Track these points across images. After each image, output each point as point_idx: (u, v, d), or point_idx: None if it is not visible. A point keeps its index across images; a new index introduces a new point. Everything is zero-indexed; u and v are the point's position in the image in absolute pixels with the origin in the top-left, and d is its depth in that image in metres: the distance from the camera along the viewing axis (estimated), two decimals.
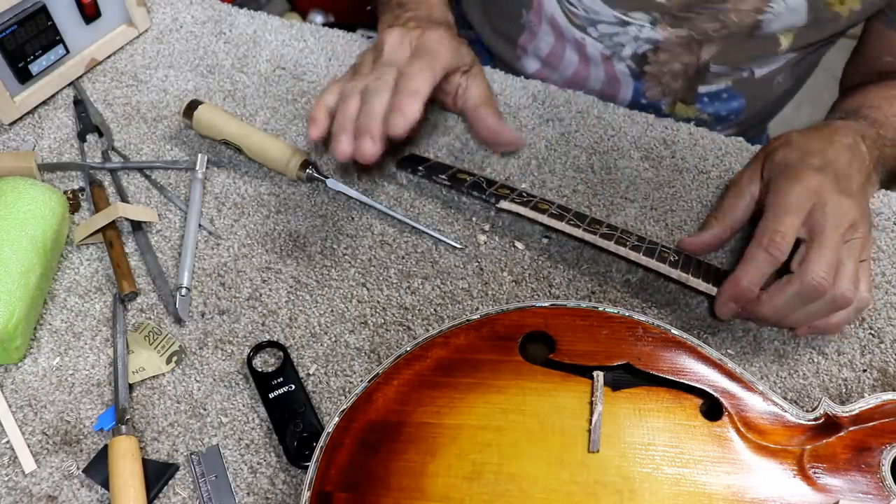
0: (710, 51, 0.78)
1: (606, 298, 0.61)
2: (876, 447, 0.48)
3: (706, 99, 0.84)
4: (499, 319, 0.53)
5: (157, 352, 0.56)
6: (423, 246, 0.64)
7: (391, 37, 0.63)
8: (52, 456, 0.52)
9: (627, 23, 0.78)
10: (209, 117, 0.68)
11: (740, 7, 0.72)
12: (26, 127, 0.71)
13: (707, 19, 0.75)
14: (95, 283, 0.61)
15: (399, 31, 0.63)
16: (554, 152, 0.70)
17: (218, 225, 0.65)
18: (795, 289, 0.53)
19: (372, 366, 0.57)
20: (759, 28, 0.74)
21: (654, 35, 0.78)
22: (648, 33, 0.78)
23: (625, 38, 0.79)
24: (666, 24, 0.76)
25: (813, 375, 0.57)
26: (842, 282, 0.53)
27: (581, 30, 0.81)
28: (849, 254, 0.54)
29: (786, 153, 0.61)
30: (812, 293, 0.53)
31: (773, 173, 0.60)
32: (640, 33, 0.78)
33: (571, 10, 0.80)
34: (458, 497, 0.45)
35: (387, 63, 0.61)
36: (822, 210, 0.55)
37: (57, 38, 0.70)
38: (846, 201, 0.55)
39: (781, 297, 0.54)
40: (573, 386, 0.50)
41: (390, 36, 0.63)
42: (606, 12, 0.77)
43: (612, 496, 0.45)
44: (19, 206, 0.58)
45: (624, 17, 0.77)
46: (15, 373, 0.56)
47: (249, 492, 0.51)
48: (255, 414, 0.54)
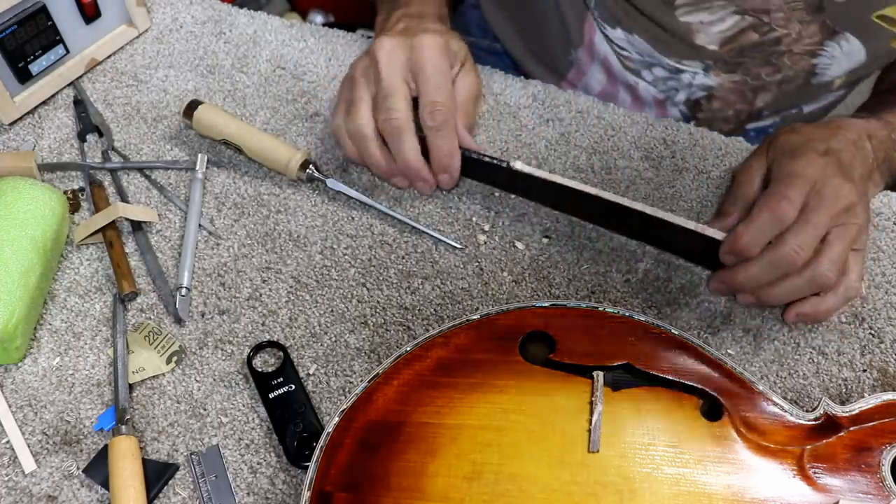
0: (765, 98, 0.78)
1: (606, 298, 0.61)
2: (876, 447, 0.48)
3: (752, 133, 0.85)
4: (499, 319, 0.53)
5: (157, 352, 0.56)
6: (423, 246, 0.64)
7: (382, 52, 0.62)
8: (52, 456, 0.52)
9: (681, 70, 0.77)
10: (209, 117, 0.68)
11: (794, 49, 0.72)
12: (26, 127, 0.71)
13: (760, 62, 0.74)
14: (95, 283, 0.61)
15: (389, 44, 0.62)
16: (554, 152, 0.70)
17: (218, 225, 0.65)
18: (769, 258, 0.53)
19: (372, 366, 0.57)
20: (815, 75, 0.74)
21: (707, 81, 0.77)
22: (702, 80, 0.77)
23: (678, 84, 0.79)
24: (720, 69, 0.76)
25: (813, 375, 0.57)
26: (823, 261, 0.53)
27: (635, 73, 0.80)
28: (839, 236, 0.54)
29: (790, 137, 0.60)
30: (784, 264, 0.53)
31: (777, 155, 0.60)
32: (693, 80, 0.78)
33: (623, 55, 0.80)
34: (458, 497, 0.45)
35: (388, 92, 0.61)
36: (820, 191, 0.54)
37: (57, 38, 0.70)
38: (845, 185, 0.55)
39: (756, 265, 0.54)
40: (573, 386, 0.50)
41: (381, 51, 0.62)
42: (660, 59, 0.77)
43: (612, 496, 0.45)
44: (19, 206, 0.58)
45: (678, 66, 0.77)
46: (15, 373, 0.56)
47: (249, 492, 0.51)
48: (255, 414, 0.54)
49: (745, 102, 0.79)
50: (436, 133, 0.61)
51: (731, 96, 0.78)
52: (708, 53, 0.74)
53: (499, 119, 0.73)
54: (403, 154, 0.62)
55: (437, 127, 0.61)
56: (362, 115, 0.62)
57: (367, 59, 0.63)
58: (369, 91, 0.62)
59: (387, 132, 0.62)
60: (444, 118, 0.61)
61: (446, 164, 0.63)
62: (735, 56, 0.74)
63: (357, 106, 0.62)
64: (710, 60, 0.75)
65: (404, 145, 0.61)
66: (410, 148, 0.62)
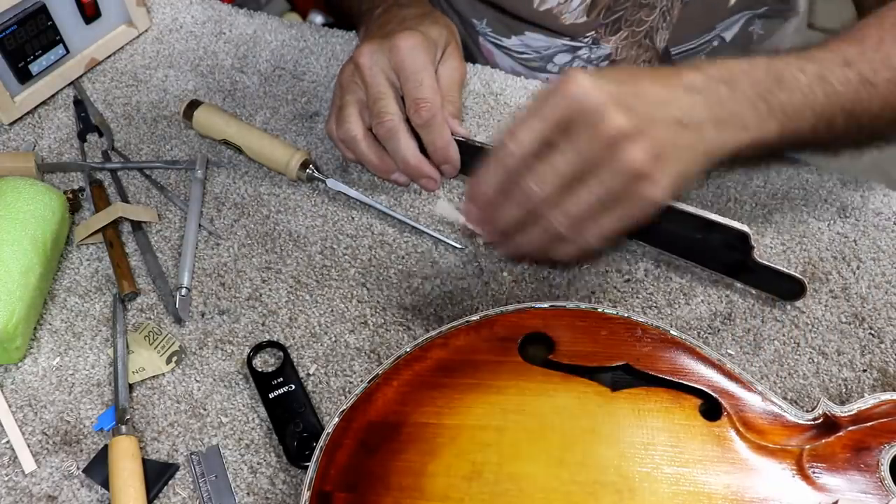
0: (663, 36, 0.77)
1: (606, 299, 0.61)
2: (875, 446, 0.48)
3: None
4: (498, 320, 0.53)
5: (157, 352, 0.57)
6: (423, 246, 0.64)
7: (364, 58, 0.62)
8: (52, 456, 0.52)
9: (577, 47, 0.78)
10: (209, 117, 0.68)
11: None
12: (26, 127, 0.71)
13: (633, 9, 0.74)
14: (95, 283, 0.61)
15: (368, 49, 0.62)
16: None
17: (218, 225, 0.65)
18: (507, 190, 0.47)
19: (372, 366, 0.57)
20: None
21: (602, 51, 0.78)
22: (598, 51, 0.78)
23: (582, 62, 0.80)
24: (605, 34, 0.77)
25: (813, 375, 0.57)
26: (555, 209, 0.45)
27: (541, 70, 0.82)
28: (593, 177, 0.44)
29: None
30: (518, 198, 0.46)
31: None
32: (591, 53, 0.79)
33: (524, 58, 0.82)
34: (457, 497, 0.45)
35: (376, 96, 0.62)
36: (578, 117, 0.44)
37: (57, 38, 0.70)
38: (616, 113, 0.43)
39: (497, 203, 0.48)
40: (573, 386, 0.50)
41: (363, 57, 0.62)
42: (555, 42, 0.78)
43: (611, 496, 0.46)
44: (19, 206, 0.58)
45: (573, 43, 0.78)
46: (15, 373, 0.56)
47: (249, 492, 0.51)
48: (255, 414, 0.54)
49: (646, 49, 0.78)
50: (426, 129, 0.62)
51: (632, 51, 0.78)
52: (581, 28, 0.76)
53: (499, 119, 0.73)
54: (402, 154, 0.63)
55: (424, 124, 0.62)
56: (350, 119, 0.63)
57: (351, 66, 0.64)
58: (356, 96, 0.63)
59: (382, 136, 0.63)
60: (431, 113, 0.61)
61: (444, 155, 0.64)
62: (608, 16, 0.75)
63: (345, 111, 0.63)
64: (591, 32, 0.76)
65: (401, 145, 0.62)
66: (407, 147, 0.63)
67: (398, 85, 0.63)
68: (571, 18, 0.75)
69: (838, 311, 0.60)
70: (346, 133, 0.63)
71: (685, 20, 0.77)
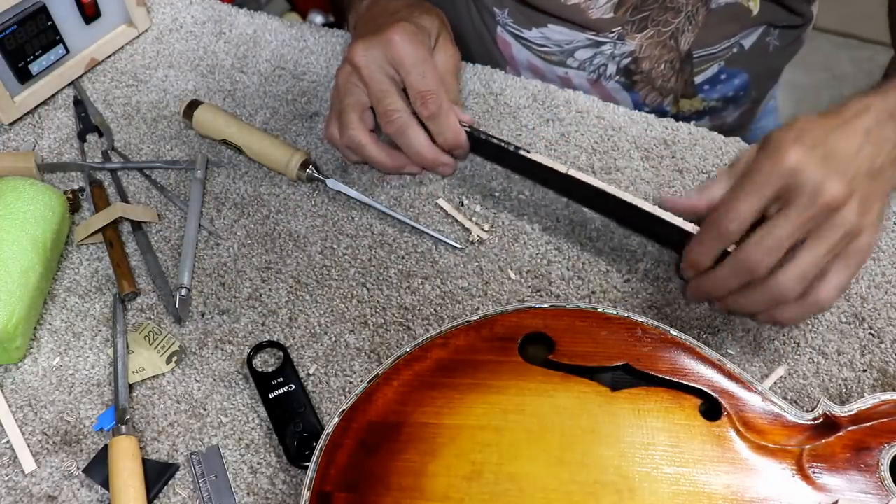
0: (688, 39, 0.78)
1: (606, 299, 0.61)
2: (875, 446, 0.48)
3: (706, 87, 0.84)
4: (498, 320, 0.53)
5: (157, 352, 0.57)
6: (423, 246, 0.64)
7: (359, 57, 0.62)
8: (52, 456, 0.52)
9: (601, 42, 0.78)
10: (209, 117, 0.68)
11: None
12: (26, 127, 0.71)
13: (660, 10, 0.75)
14: (95, 283, 0.61)
15: (363, 47, 0.62)
16: (554, 152, 0.70)
17: (218, 225, 0.65)
18: (730, 264, 0.49)
19: (372, 366, 0.57)
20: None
21: (626, 48, 0.78)
22: (622, 48, 0.78)
23: (604, 59, 0.80)
24: (631, 31, 0.77)
25: (813, 375, 0.57)
26: (786, 272, 0.48)
27: (561, 65, 0.82)
28: (813, 243, 0.47)
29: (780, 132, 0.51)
30: (742, 272, 0.49)
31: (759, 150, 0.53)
32: (615, 50, 0.79)
33: (543, 52, 0.82)
34: (457, 497, 0.45)
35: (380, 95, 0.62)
36: (795, 190, 0.47)
37: (57, 38, 0.70)
38: (832, 183, 0.47)
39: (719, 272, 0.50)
40: (573, 386, 0.50)
41: (358, 56, 0.62)
42: (579, 37, 0.78)
43: (611, 496, 0.46)
44: (19, 206, 0.58)
45: (597, 38, 0.78)
46: (15, 373, 0.56)
47: (249, 492, 0.51)
48: (255, 414, 0.54)
49: (670, 50, 0.79)
50: (434, 120, 0.63)
51: (655, 51, 0.78)
52: (607, 23, 0.76)
53: (499, 119, 0.73)
54: (416, 147, 0.64)
55: (432, 115, 0.62)
56: (353, 124, 0.63)
57: (347, 67, 0.64)
58: (355, 98, 0.63)
59: (392, 133, 0.63)
60: (438, 104, 0.62)
61: (454, 141, 0.64)
62: (634, 14, 0.75)
63: (346, 116, 0.63)
64: (617, 28, 0.76)
65: (413, 139, 0.63)
66: (420, 140, 0.63)
67: (398, 79, 0.62)
68: (598, 14, 0.76)
69: (838, 311, 0.60)
70: (350, 139, 0.63)
71: (709, 26, 0.77)
